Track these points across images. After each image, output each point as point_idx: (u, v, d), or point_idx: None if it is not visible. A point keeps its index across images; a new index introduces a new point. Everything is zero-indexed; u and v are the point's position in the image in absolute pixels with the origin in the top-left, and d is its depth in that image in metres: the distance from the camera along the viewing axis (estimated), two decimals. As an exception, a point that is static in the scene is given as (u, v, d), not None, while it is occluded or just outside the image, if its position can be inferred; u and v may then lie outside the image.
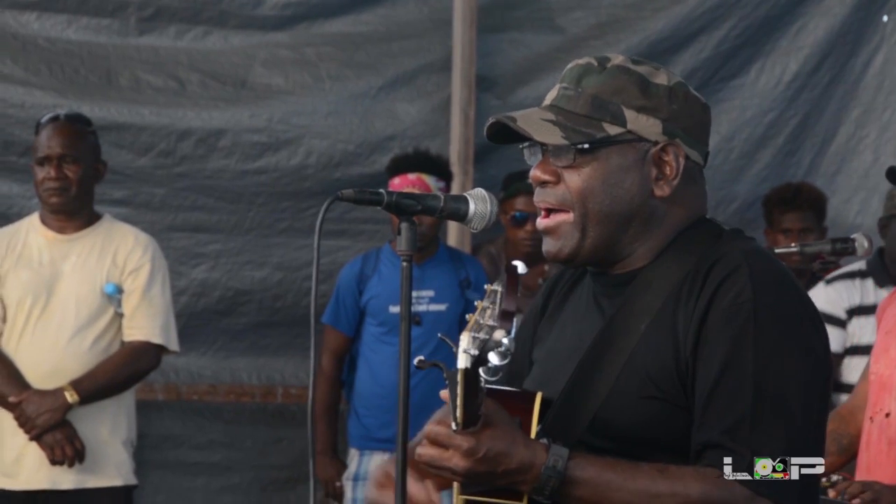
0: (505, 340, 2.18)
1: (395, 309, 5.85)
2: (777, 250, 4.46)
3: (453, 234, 6.62)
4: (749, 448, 2.31)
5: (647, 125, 2.46)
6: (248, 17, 6.55)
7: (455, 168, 6.40)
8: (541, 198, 2.50)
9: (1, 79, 6.33)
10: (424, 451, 2.33)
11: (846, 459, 4.18)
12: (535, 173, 2.50)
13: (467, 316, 2.26)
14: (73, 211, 5.19)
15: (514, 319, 2.20)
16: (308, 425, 2.54)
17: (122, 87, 6.44)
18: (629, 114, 2.46)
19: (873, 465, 3.93)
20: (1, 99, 6.31)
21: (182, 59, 6.50)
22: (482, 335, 2.19)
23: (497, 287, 2.24)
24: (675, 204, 2.49)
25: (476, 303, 2.28)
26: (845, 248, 4.39)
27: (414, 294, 5.67)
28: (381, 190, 2.50)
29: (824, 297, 5.37)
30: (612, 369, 2.42)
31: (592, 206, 2.45)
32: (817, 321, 2.42)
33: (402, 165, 5.92)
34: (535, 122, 2.47)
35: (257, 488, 6.71)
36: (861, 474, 3.98)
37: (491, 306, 2.23)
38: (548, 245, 2.51)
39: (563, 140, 2.44)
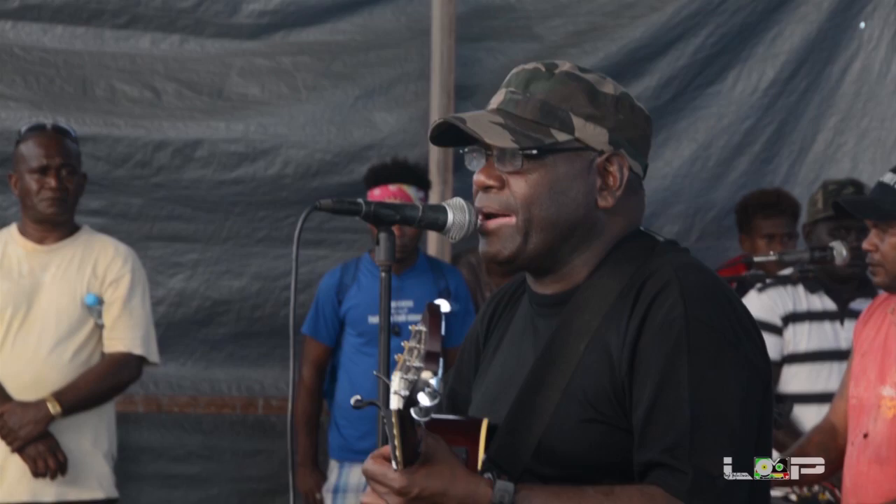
0: (433, 381, 2.13)
1: (374, 319, 5.82)
2: (756, 259, 4.46)
3: (433, 243, 6.60)
4: (691, 464, 2.28)
5: (594, 134, 2.44)
6: (224, 26, 6.52)
7: (434, 177, 6.38)
8: (483, 203, 2.45)
9: (-24, 90, 6.31)
10: (368, 492, 2.32)
11: (832, 471, 4.18)
12: (480, 178, 2.45)
13: (396, 356, 2.22)
14: (63, 221, 5.17)
15: (440, 359, 2.16)
16: (288, 436, 2.52)
17: (98, 97, 6.41)
18: (577, 121, 2.43)
19: (857, 487, 3.94)
20: (-25, 111, 6.28)
21: (158, 68, 6.48)
22: (410, 376, 2.16)
23: (421, 327, 2.19)
24: (615, 215, 2.47)
25: (403, 343, 2.22)
26: (824, 257, 4.40)
27: (393, 304, 5.62)
28: (360, 200, 2.49)
29: (759, 304, 5.29)
30: (553, 394, 2.38)
31: (538, 212, 2.42)
32: (752, 330, 2.39)
33: (381, 176, 5.83)
34: (486, 125, 2.43)
35: (236, 500, 6.68)
36: (846, 496, 4.00)
37: (417, 346, 2.19)
38: (486, 246, 2.46)
39: (513, 144, 2.40)
